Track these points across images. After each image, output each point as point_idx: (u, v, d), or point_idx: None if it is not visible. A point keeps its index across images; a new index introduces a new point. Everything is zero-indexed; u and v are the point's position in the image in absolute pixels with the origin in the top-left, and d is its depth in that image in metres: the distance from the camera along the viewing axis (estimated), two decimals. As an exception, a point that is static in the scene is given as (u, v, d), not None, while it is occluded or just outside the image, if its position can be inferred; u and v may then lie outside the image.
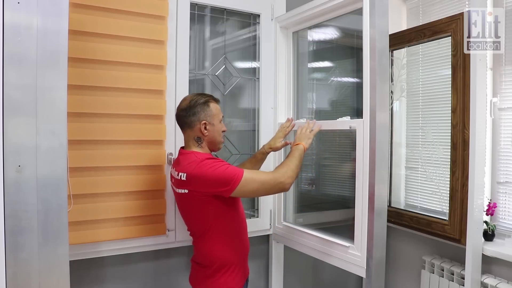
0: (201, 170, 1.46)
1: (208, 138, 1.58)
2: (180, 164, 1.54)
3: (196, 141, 1.57)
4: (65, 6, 1.13)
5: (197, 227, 1.57)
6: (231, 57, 2.14)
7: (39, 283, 1.10)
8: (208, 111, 1.56)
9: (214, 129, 1.58)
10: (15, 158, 1.06)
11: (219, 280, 1.54)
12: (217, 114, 1.59)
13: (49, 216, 1.11)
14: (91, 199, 1.71)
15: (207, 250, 1.56)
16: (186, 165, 1.50)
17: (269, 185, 1.50)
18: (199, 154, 1.53)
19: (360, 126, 1.62)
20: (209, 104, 1.57)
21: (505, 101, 1.84)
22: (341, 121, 1.77)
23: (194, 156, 1.51)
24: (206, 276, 1.57)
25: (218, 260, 1.55)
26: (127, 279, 1.89)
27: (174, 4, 1.88)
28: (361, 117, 1.63)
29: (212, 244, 1.55)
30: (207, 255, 1.57)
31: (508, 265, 1.75)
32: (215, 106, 1.59)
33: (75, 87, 1.63)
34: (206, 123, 1.55)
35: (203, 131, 1.55)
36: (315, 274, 2.44)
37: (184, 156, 1.56)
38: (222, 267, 1.55)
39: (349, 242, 1.68)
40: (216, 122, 1.58)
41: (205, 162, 1.47)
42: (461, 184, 1.81)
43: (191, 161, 1.50)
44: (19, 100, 1.07)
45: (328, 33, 2.23)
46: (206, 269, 1.57)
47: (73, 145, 1.63)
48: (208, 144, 1.60)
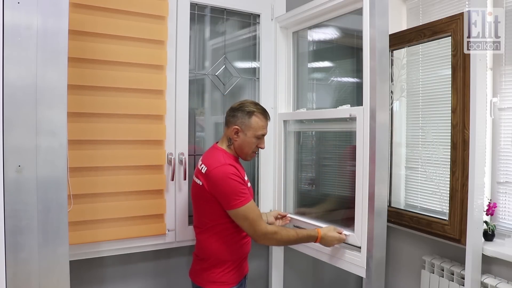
0: (219, 173, 1.51)
1: (237, 144, 1.64)
2: (207, 156, 1.62)
3: (228, 141, 1.66)
4: (65, 6, 1.13)
5: (204, 221, 1.61)
6: (231, 57, 2.14)
7: (39, 283, 1.10)
8: (246, 121, 1.61)
9: (245, 139, 1.62)
10: (15, 158, 1.06)
11: (213, 274, 1.59)
12: (254, 128, 1.62)
13: (49, 216, 1.11)
14: (91, 199, 1.71)
15: (207, 245, 1.61)
16: (211, 160, 1.57)
17: (253, 231, 1.53)
18: (226, 155, 1.61)
19: (360, 114, 1.61)
20: (252, 115, 1.62)
21: (505, 101, 1.84)
22: (341, 109, 1.76)
23: (222, 155, 1.59)
24: (202, 269, 1.62)
25: (215, 256, 1.60)
26: (127, 279, 1.89)
27: (174, 4, 1.88)
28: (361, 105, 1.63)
29: (213, 240, 1.59)
30: (206, 249, 1.61)
31: (508, 265, 1.75)
32: (258, 121, 1.63)
33: (75, 87, 1.64)
34: (238, 129, 1.61)
35: (233, 135, 1.63)
36: (315, 274, 2.44)
37: (213, 150, 1.65)
38: (218, 263, 1.59)
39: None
40: (249, 134, 1.62)
41: (227, 168, 1.52)
42: (461, 184, 1.81)
43: (217, 159, 1.57)
44: (19, 100, 1.07)
45: (328, 33, 2.23)
46: (203, 262, 1.62)
47: (73, 145, 1.63)
48: (236, 149, 1.66)
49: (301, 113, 2.08)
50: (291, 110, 2.16)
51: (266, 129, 1.68)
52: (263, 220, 1.57)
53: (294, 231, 1.64)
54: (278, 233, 1.58)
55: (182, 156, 1.89)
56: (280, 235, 1.58)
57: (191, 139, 1.97)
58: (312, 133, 2.25)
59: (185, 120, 1.91)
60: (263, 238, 1.55)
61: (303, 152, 2.24)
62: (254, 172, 2.21)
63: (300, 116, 2.09)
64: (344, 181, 2.08)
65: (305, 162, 2.26)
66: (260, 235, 1.54)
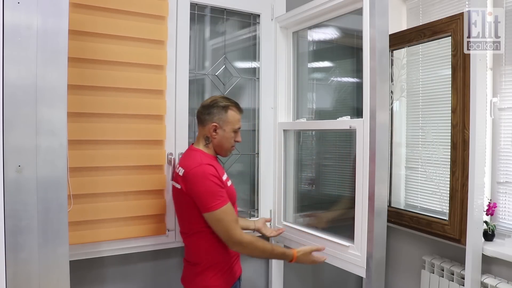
0: (197, 173, 1.47)
1: (216, 142, 1.60)
2: (184, 158, 1.59)
3: (204, 140, 1.61)
4: (65, 6, 1.13)
5: (189, 226, 1.57)
6: (231, 57, 2.14)
7: (39, 283, 1.10)
8: (223, 116, 1.59)
9: (224, 135, 1.60)
10: (15, 158, 1.06)
11: (207, 278, 1.54)
12: (231, 122, 1.60)
13: (49, 216, 1.11)
14: (91, 199, 1.71)
15: (197, 250, 1.57)
16: (189, 161, 1.53)
17: (227, 236, 1.48)
18: (204, 155, 1.56)
19: (360, 126, 1.62)
20: (227, 110, 1.59)
21: (505, 101, 1.84)
22: (341, 121, 1.77)
23: (199, 156, 1.55)
24: (195, 274, 1.57)
25: (207, 259, 1.55)
26: (127, 279, 1.89)
27: (174, 4, 1.88)
28: (361, 117, 1.62)
29: (202, 242, 1.55)
30: (197, 254, 1.58)
31: (508, 265, 1.75)
32: (234, 114, 1.61)
33: (75, 87, 1.64)
34: (216, 126, 1.58)
35: (211, 133, 1.59)
36: (315, 274, 2.44)
37: (190, 152, 1.61)
38: (210, 266, 1.55)
39: (349, 242, 1.68)
40: (227, 129, 1.59)
41: (205, 168, 1.48)
42: (461, 184, 1.81)
43: (194, 159, 1.52)
44: (19, 100, 1.07)
45: (328, 33, 2.23)
46: (195, 267, 1.58)
47: (73, 145, 1.63)
48: (215, 147, 1.62)
49: (301, 123, 2.08)
50: (291, 116, 2.16)
51: (241, 122, 1.65)
52: (238, 226, 1.51)
53: (270, 245, 1.61)
54: (253, 243, 1.52)
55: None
56: (255, 245, 1.52)
57: (191, 139, 1.96)
58: (312, 133, 2.25)
59: (185, 120, 1.91)
60: (237, 245, 1.50)
61: (303, 152, 2.24)
62: (254, 172, 2.21)
63: (299, 126, 2.10)
64: (344, 181, 2.08)
65: (305, 162, 2.26)
66: (234, 241, 1.49)
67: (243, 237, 1.50)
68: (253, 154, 2.20)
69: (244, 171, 2.21)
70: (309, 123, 2.08)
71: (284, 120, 2.15)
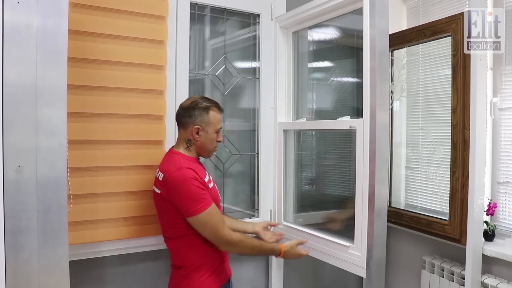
0: (176, 178, 1.43)
1: (199, 144, 1.57)
2: (163, 162, 1.55)
3: (186, 143, 1.57)
4: (65, 6, 1.13)
5: (171, 231, 1.54)
6: (231, 57, 2.14)
7: (39, 283, 1.10)
8: (205, 118, 1.55)
9: (207, 137, 1.56)
10: (15, 158, 1.06)
11: (193, 281, 1.51)
12: (214, 123, 1.56)
13: (49, 216, 1.10)
14: (91, 199, 1.71)
15: (179, 251, 1.55)
16: (168, 166, 1.49)
17: (216, 238, 1.47)
18: (184, 158, 1.51)
19: (360, 126, 1.62)
20: (209, 111, 1.55)
21: (505, 101, 1.84)
22: (341, 121, 1.76)
23: (178, 159, 1.50)
24: (181, 277, 1.54)
25: (191, 262, 1.52)
26: (127, 279, 1.89)
27: (174, 4, 1.87)
28: (361, 117, 1.62)
29: (185, 245, 1.52)
30: (181, 257, 1.55)
31: (508, 265, 1.75)
32: (215, 115, 1.57)
33: (75, 87, 1.63)
34: (199, 128, 1.54)
35: (194, 135, 1.55)
36: (315, 274, 2.44)
37: (170, 155, 1.56)
38: (195, 268, 1.52)
39: (349, 242, 1.68)
40: (210, 131, 1.56)
41: (184, 172, 1.44)
42: (461, 184, 1.81)
43: (173, 163, 1.48)
44: (19, 100, 1.07)
45: (328, 33, 2.23)
46: (181, 270, 1.54)
47: (73, 145, 1.63)
48: (197, 149, 1.58)
49: (301, 123, 2.08)
50: (291, 116, 2.16)
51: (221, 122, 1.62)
52: (226, 226, 1.49)
53: (259, 242, 1.60)
54: (242, 241, 1.52)
55: (182, 156, 1.89)
56: (245, 243, 1.53)
57: (191, 139, 1.96)
58: (312, 133, 2.25)
59: (185, 120, 1.91)
60: (227, 245, 1.49)
61: (303, 152, 2.24)
62: (254, 172, 2.21)
63: (299, 126, 2.10)
64: (344, 181, 2.08)
65: (305, 162, 2.26)
66: (223, 241, 1.48)
67: (232, 236, 1.49)
68: (253, 154, 2.20)
69: (244, 171, 2.21)
70: (309, 123, 2.08)
71: (284, 120, 2.15)
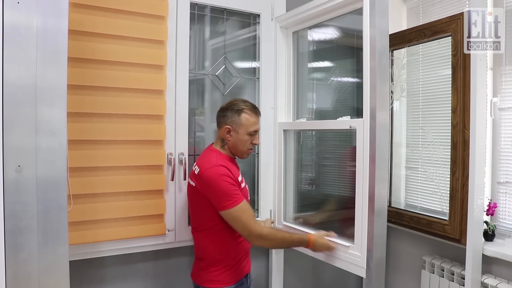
0: (210, 174, 1.52)
1: (230, 144, 1.65)
2: (201, 158, 1.64)
3: (221, 141, 1.67)
4: (65, 6, 1.13)
5: (200, 222, 1.63)
6: (231, 57, 2.14)
7: (39, 283, 1.10)
8: (237, 119, 1.62)
9: (237, 137, 1.63)
10: (15, 158, 1.06)
11: (210, 273, 1.60)
12: (245, 125, 1.63)
13: (49, 216, 1.11)
14: (91, 199, 1.71)
15: (202, 244, 1.63)
16: (204, 162, 1.58)
17: (247, 232, 1.52)
18: (220, 156, 1.61)
19: (360, 126, 1.61)
20: (241, 113, 1.62)
21: (505, 101, 1.84)
22: (341, 121, 1.76)
23: (215, 156, 1.60)
24: (200, 268, 1.64)
25: (210, 255, 1.61)
26: (127, 279, 1.89)
27: (174, 4, 1.87)
28: (361, 116, 1.62)
29: (207, 239, 1.61)
30: (202, 248, 1.64)
31: (508, 265, 1.75)
32: (248, 117, 1.63)
33: (75, 87, 1.63)
34: (230, 128, 1.63)
35: (225, 135, 1.64)
36: (315, 274, 2.44)
37: (208, 152, 1.67)
38: (213, 262, 1.61)
39: (349, 242, 1.68)
40: (241, 132, 1.62)
41: (218, 169, 1.52)
42: (461, 184, 1.81)
43: (209, 160, 1.58)
44: (19, 100, 1.07)
45: (328, 33, 2.23)
46: (201, 262, 1.64)
47: (73, 145, 1.63)
48: (230, 149, 1.67)
49: (301, 123, 2.08)
50: (291, 116, 2.16)
51: (258, 125, 1.68)
52: (257, 221, 1.56)
53: (288, 233, 1.66)
54: (273, 234, 1.58)
55: (182, 156, 1.89)
56: (275, 235, 1.59)
57: (191, 139, 1.96)
58: (312, 133, 2.25)
59: (185, 120, 1.91)
60: (258, 239, 1.54)
61: (303, 152, 2.24)
62: (254, 172, 2.21)
63: (299, 126, 2.09)
64: (344, 181, 2.08)
65: (305, 162, 2.26)
66: (255, 236, 1.53)
67: (263, 230, 1.55)
68: (253, 154, 2.20)
69: (244, 171, 2.20)
70: (309, 123, 2.08)
71: (284, 120, 2.15)
